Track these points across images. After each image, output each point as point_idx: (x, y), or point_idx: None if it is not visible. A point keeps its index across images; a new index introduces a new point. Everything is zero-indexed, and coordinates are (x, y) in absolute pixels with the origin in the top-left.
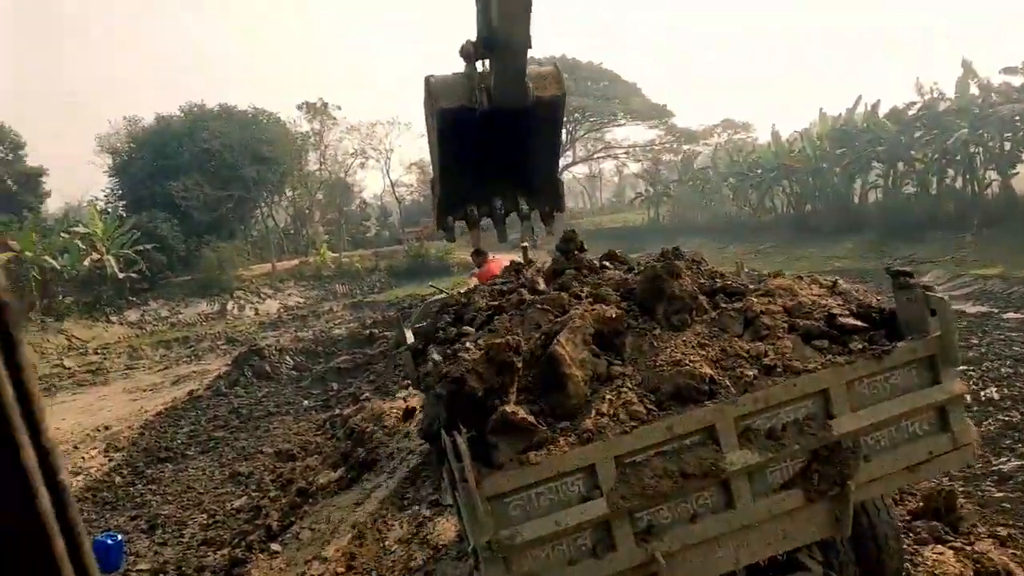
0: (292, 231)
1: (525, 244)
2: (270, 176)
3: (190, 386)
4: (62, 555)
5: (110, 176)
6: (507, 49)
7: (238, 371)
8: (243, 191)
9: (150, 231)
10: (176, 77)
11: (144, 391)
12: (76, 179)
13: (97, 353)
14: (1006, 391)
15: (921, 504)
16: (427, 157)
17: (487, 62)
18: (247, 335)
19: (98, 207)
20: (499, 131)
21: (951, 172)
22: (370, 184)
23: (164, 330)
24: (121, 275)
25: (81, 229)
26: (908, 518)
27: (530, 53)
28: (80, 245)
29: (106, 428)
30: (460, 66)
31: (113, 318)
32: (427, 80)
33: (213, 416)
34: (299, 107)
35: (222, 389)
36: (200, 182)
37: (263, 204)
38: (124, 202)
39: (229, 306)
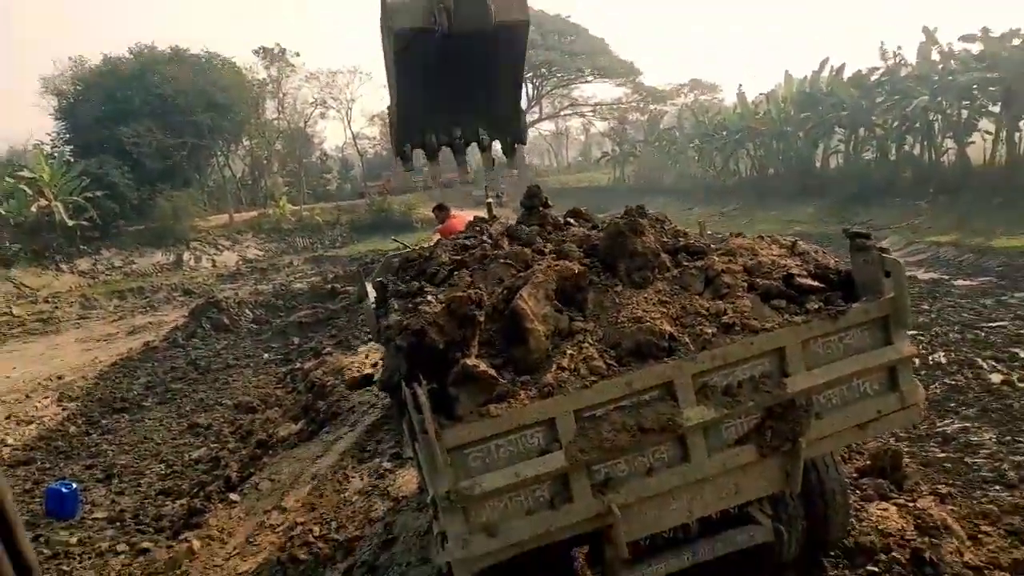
0: (250, 182)
1: (489, 200)
2: (226, 124)
3: (146, 337)
4: None
5: (56, 119)
6: None
7: (195, 323)
8: (197, 139)
9: (100, 178)
10: (124, 14)
11: (98, 341)
12: (20, 121)
13: (48, 302)
14: (953, 355)
15: (868, 462)
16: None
17: None
18: (204, 287)
19: (44, 152)
20: (459, 55)
21: (910, 139)
22: (331, 136)
23: (118, 280)
24: (71, 223)
25: (27, 174)
26: (856, 475)
27: None
28: (27, 191)
29: (59, 378)
30: None
31: (64, 266)
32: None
33: (170, 368)
34: (256, 52)
35: (179, 341)
36: (152, 128)
37: (219, 153)
38: (72, 147)
39: (185, 257)
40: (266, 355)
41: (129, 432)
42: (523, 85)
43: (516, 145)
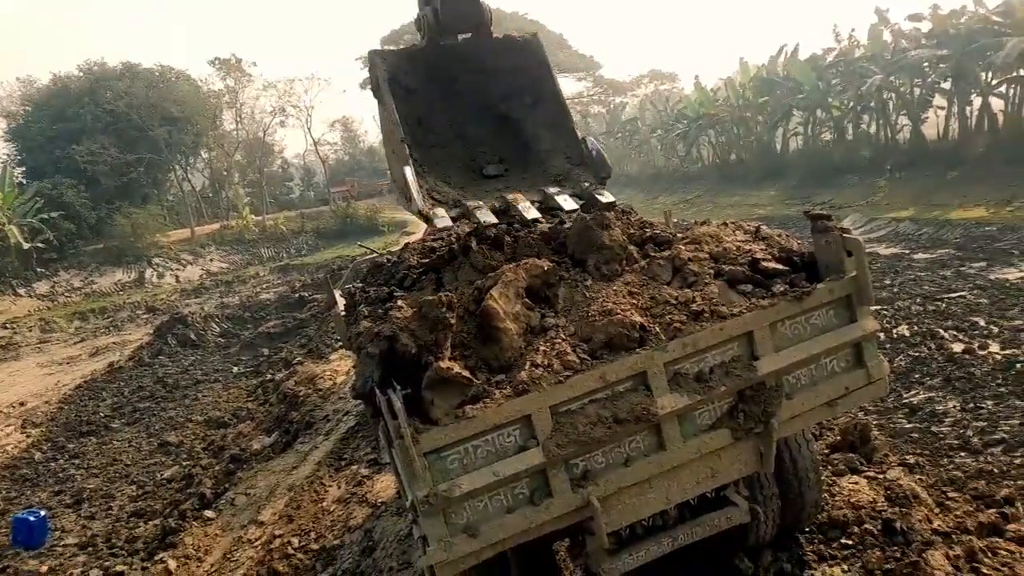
0: (211, 194)
1: None
2: (183, 137)
3: (110, 357)
4: None
5: (6, 141)
6: None
7: (161, 340)
8: (154, 153)
9: (55, 198)
10: (72, 34)
11: (60, 365)
12: None
13: (6, 328)
14: (916, 328)
15: (838, 438)
16: (351, 114)
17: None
18: (169, 303)
19: None
20: (473, 76)
21: (866, 118)
22: (291, 143)
23: (78, 301)
24: (26, 245)
25: None
26: (827, 451)
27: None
28: None
29: (21, 404)
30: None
31: (21, 291)
32: (370, 52)
33: (137, 387)
34: (211, 63)
35: (145, 359)
36: (106, 145)
37: (177, 167)
38: (23, 168)
39: (148, 274)
40: (235, 368)
41: (97, 455)
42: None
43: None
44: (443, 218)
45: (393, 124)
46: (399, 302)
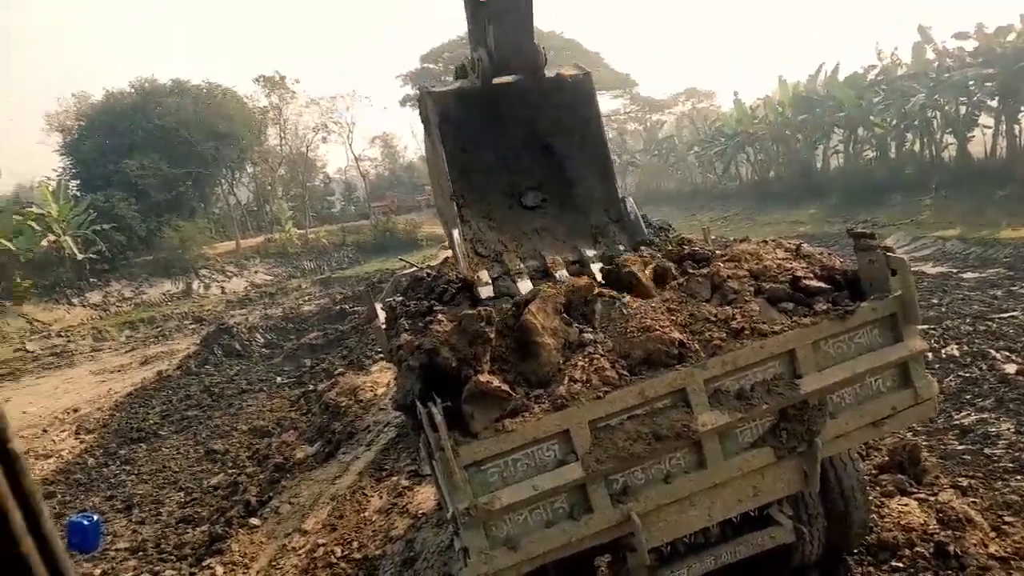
0: (255, 208)
1: None
2: (229, 152)
3: (159, 366)
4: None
5: (61, 155)
6: None
7: (208, 350)
8: (202, 168)
9: (107, 211)
10: (125, 53)
11: (112, 373)
12: (28, 159)
13: (61, 336)
14: (966, 348)
15: (887, 458)
16: (391, 131)
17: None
18: (215, 314)
19: (50, 188)
20: (522, 111)
21: (909, 137)
22: (333, 159)
23: (129, 311)
24: (80, 256)
25: (35, 210)
26: (874, 472)
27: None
28: (35, 226)
29: (75, 410)
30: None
31: (75, 300)
32: (421, 89)
33: (185, 395)
34: (256, 81)
35: (192, 368)
36: (156, 160)
37: (223, 181)
38: (77, 182)
39: (194, 285)
40: (279, 378)
41: (147, 461)
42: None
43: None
44: (487, 286)
45: (442, 173)
46: (439, 316)
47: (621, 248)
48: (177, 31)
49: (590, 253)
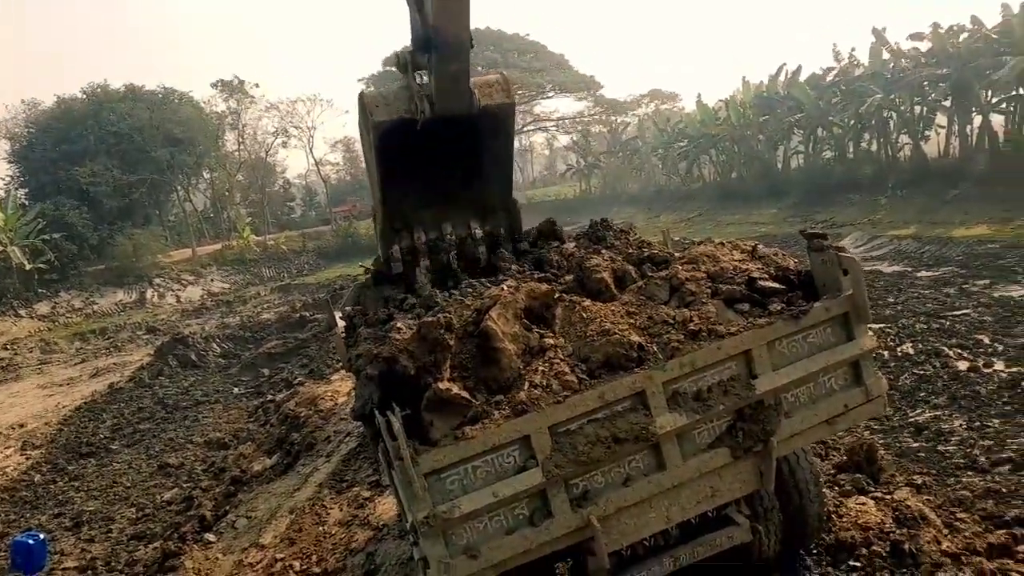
0: (212, 214)
1: None
2: (185, 158)
3: (111, 378)
4: None
5: (9, 163)
6: (447, 48)
7: (162, 361)
8: (156, 174)
9: (57, 219)
10: (76, 58)
11: (60, 386)
12: None
13: (6, 349)
14: (920, 346)
15: (845, 458)
16: (353, 134)
17: (424, 75)
18: (169, 323)
19: None
20: (444, 145)
21: (866, 136)
22: (293, 164)
23: (79, 322)
24: (28, 266)
25: None
26: (833, 472)
27: None
28: None
29: (21, 425)
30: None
31: (21, 311)
32: (361, 96)
33: (137, 408)
34: (214, 85)
35: (145, 380)
36: (109, 166)
37: (179, 187)
38: (26, 190)
39: (148, 294)
40: (236, 389)
41: (97, 477)
42: (513, 171)
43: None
44: (398, 263)
45: (374, 180)
46: (398, 323)
47: (501, 231)
48: (132, 36)
49: (477, 231)
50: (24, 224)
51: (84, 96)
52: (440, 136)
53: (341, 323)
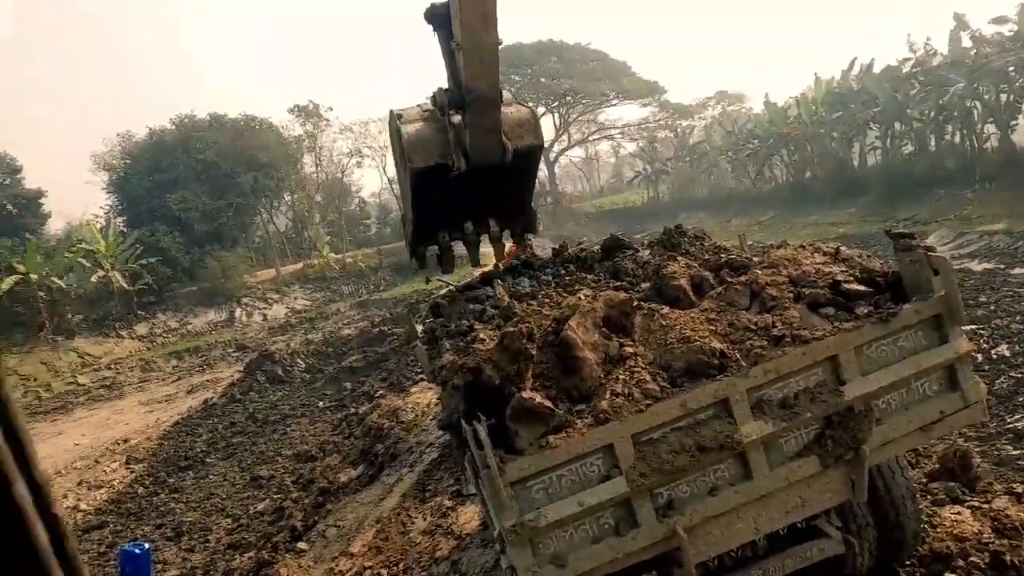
0: (293, 235)
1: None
2: (267, 182)
3: (205, 395)
4: None
5: (108, 193)
6: (480, 106)
7: (251, 377)
8: (241, 199)
9: (153, 245)
10: (163, 90)
11: (159, 403)
12: (75, 199)
13: (110, 368)
14: (1017, 348)
15: (937, 465)
16: None
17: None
18: (257, 341)
19: (98, 225)
20: (475, 181)
21: (949, 128)
22: (367, 182)
23: (174, 341)
24: (128, 289)
25: (85, 247)
26: (925, 480)
27: (517, 39)
28: (85, 263)
29: (125, 441)
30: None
31: (123, 333)
32: (396, 120)
33: (230, 423)
34: (290, 111)
35: (236, 395)
36: (198, 193)
37: (262, 210)
38: (124, 218)
39: (237, 313)
40: (321, 403)
41: (195, 489)
42: (535, 182)
43: (526, 235)
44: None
45: (407, 203)
46: (481, 334)
47: (518, 230)
48: (212, 68)
49: (495, 228)
50: (123, 250)
51: (173, 127)
52: (472, 174)
53: (422, 335)
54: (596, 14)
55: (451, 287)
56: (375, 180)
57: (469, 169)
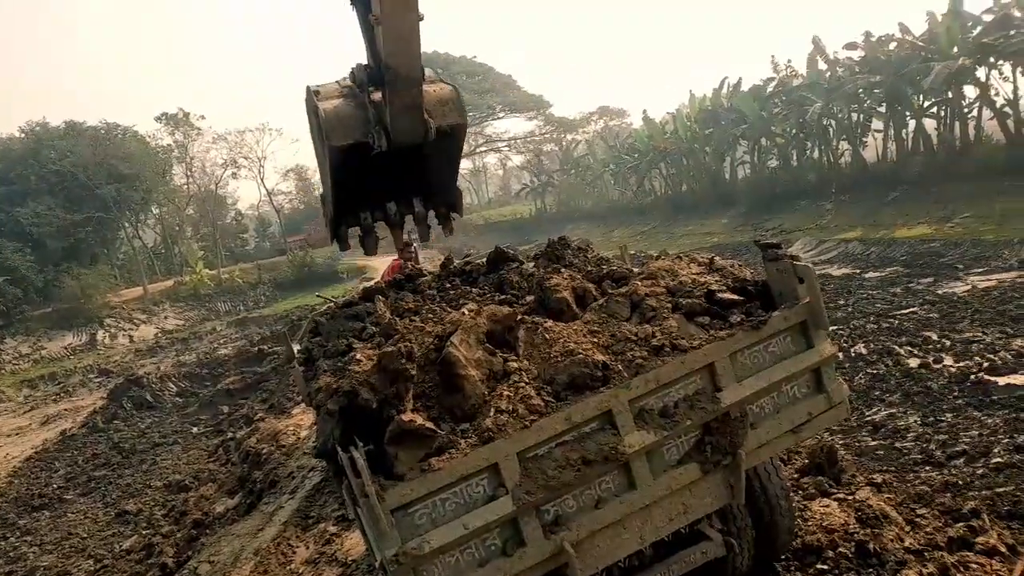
0: (163, 250)
1: (414, 242)
2: (132, 194)
3: (62, 425)
4: None
5: None
6: (399, 84)
7: (116, 404)
8: (102, 212)
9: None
10: (11, 98)
11: (8, 436)
12: None
13: None
14: (872, 346)
15: (807, 461)
16: (305, 163)
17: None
18: (122, 365)
19: None
20: (397, 160)
21: (809, 144)
22: (245, 195)
23: (26, 368)
24: None
25: None
26: (796, 476)
27: None
28: None
29: None
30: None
31: None
32: (314, 97)
33: (92, 455)
34: (158, 119)
35: (99, 425)
36: (52, 206)
37: (127, 224)
38: None
39: (99, 336)
40: (195, 429)
41: (51, 530)
42: (460, 162)
43: (451, 215)
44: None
45: (326, 183)
46: (358, 355)
47: (443, 210)
48: (74, 73)
49: (420, 209)
50: None
51: (23, 135)
52: (394, 153)
53: (299, 356)
54: (482, 28)
55: (332, 302)
56: (253, 192)
57: (391, 148)
